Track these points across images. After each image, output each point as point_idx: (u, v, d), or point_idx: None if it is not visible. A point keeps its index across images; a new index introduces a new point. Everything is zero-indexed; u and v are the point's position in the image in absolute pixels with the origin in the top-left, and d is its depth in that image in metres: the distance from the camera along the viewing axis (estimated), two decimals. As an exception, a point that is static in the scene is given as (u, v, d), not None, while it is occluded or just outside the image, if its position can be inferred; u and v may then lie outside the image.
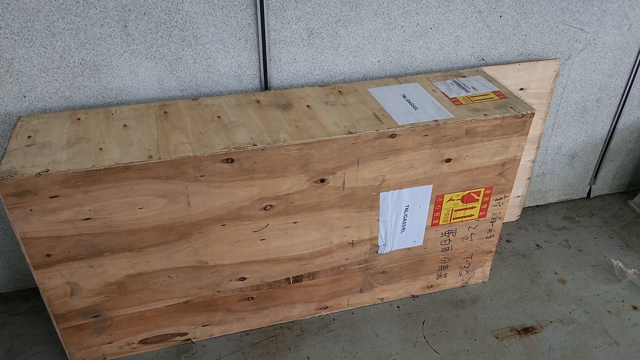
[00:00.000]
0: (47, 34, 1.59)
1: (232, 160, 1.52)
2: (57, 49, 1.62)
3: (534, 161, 2.28)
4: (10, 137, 1.54)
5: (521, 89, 2.10)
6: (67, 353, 1.74)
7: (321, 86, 1.85)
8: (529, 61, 2.07)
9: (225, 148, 1.51)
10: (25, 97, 1.67)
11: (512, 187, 1.90)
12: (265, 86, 1.85)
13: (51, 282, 1.58)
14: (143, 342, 1.80)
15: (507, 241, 2.35)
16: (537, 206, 2.55)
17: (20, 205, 1.42)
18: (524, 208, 2.51)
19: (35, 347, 1.83)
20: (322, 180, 1.65)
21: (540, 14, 2.00)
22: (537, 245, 2.33)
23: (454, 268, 2.04)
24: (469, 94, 1.83)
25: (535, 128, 2.20)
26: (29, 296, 2.01)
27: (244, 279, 1.77)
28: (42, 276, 1.55)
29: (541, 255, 2.28)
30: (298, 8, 1.74)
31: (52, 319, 1.65)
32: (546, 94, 2.14)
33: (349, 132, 1.59)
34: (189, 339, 1.85)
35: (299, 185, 1.63)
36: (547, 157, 2.39)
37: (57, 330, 1.68)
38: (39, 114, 1.66)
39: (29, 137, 1.54)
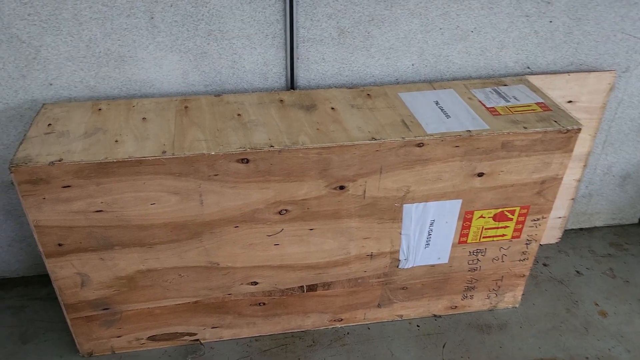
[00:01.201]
0: (74, 23, 1.58)
1: (248, 161, 1.46)
2: (84, 38, 1.61)
3: (579, 180, 2.11)
4: (31, 124, 1.54)
5: (569, 101, 1.93)
6: (76, 343, 1.73)
7: (349, 88, 1.76)
8: (581, 72, 1.90)
9: (240, 147, 1.45)
10: (51, 84, 1.67)
11: (551, 207, 1.75)
12: (291, 85, 1.78)
13: (62, 272, 1.57)
14: (151, 338, 1.78)
15: (544, 265, 2.18)
16: (581, 229, 2.36)
17: (34, 193, 1.41)
18: (565, 230, 2.33)
19: (49, 333, 1.84)
20: (342, 187, 1.56)
21: (596, 20, 1.83)
22: (578, 271, 2.15)
23: (481, 290, 1.91)
24: (509, 104, 1.70)
25: (583, 145, 2.02)
26: (48, 281, 2.02)
27: (255, 283, 1.71)
28: (53, 265, 1.55)
29: (581, 283, 2.09)
30: (329, 5, 1.66)
31: (63, 308, 1.64)
32: (598, 109, 1.97)
33: (373, 139, 1.50)
34: (197, 340, 1.81)
35: (317, 190, 1.55)
36: (595, 177, 2.20)
37: (67, 320, 1.67)
38: (63, 103, 1.66)
39: (49, 125, 1.54)
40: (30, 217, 1.45)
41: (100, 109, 1.62)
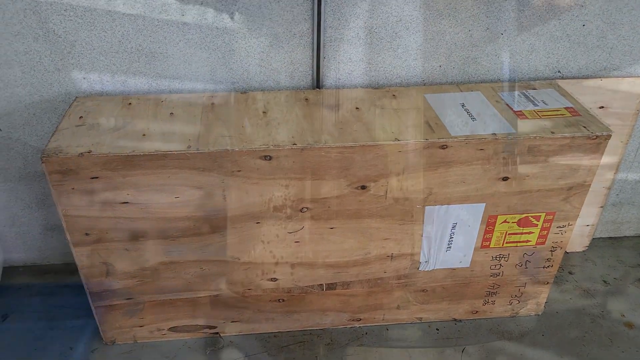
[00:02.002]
0: (108, 19, 1.62)
1: (270, 158, 1.48)
2: (117, 34, 1.65)
3: (609, 188, 2.05)
4: (63, 116, 1.59)
5: (601, 107, 1.89)
6: (100, 331, 1.78)
7: (375, 88, 1.76)
8: (614, 77, 1.86)
9: (263, 145, 1.47)
10: (84, 78, 1.72)
11: (578, 214, 1.71)
12: (317, 84, 1.79)
13: (88, 261, 1.62)
14: (173, 329, 1.81)
15: (570, 273, 2.13)
16: (610, 238, 2.30)
17: (63, 183, 1.46)
18: (594, 238, 2.27)
19: (74, 320, 1.90)
20: (363, 187, 1.56)
21: (632, 25, 1.78)
22: (605, 281, 2.10)
23: (503, 296, 1.88)
24: (537, 108, 1.67)
25: (614, 152, 1.97)
26: (77, 270, 2.09)
27: (275, 279, 1.72)
28: (80, 254, 1.60)
29: (608, 293, 2.04)
30: (357, 5, 1.66)
31: (88, 296, 1.69)
32: (631, 115, 1.91)
33: (396, 139, 1.50)
34: (217, 333, 1.84)
35: (338, 190, 1.56)
36: (626, 186, 2.14)
37: (92, 308, 1.72)
38: (95, 96, 1.71)
39: (81, 117, 1.59)
40: (59, 207, 1.50)
41: (130, 104, 1.66)
